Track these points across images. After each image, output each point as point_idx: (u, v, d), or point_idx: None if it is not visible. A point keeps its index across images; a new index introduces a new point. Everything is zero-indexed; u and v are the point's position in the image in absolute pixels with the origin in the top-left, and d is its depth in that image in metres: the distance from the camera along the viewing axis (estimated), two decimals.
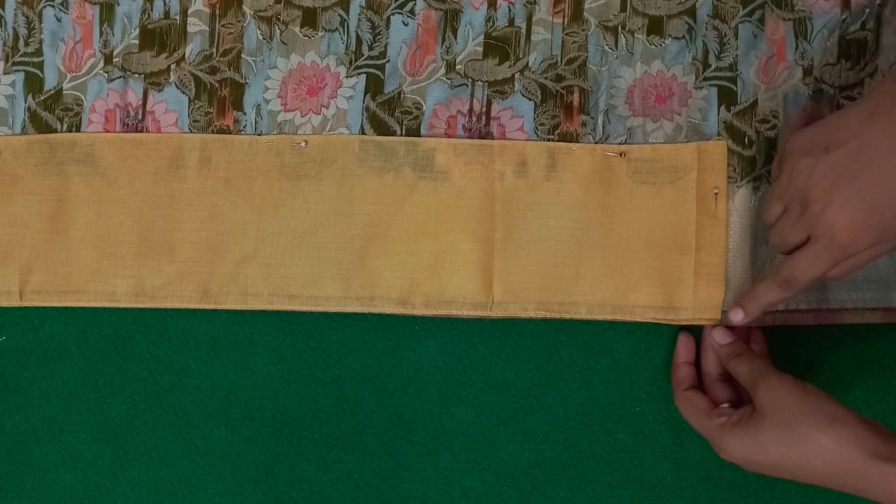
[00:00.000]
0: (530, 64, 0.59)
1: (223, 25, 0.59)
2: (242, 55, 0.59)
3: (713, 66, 0.58)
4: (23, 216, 0.59)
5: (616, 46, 0.59)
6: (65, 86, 0.60)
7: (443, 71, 0.59)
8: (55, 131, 0.59)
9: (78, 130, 0.59)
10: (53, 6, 0.60)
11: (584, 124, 0.58)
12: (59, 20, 0.60)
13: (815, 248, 0.49)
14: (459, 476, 0.60)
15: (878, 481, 0.46)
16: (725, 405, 0.55)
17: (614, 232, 0.57)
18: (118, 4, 0.60)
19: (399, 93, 0.59)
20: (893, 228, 0.47)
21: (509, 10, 0.59)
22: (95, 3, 0.60)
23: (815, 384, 0.48)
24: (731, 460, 0.51)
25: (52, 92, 0.60)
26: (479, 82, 0.59)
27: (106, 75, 0.60)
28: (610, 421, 0.60)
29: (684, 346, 0.58)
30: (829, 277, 0.50)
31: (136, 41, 0.60)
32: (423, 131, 0.59)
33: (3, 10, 0.60)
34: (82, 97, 0.60)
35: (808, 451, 0.48)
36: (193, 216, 0.59)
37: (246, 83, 0.59)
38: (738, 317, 0.55)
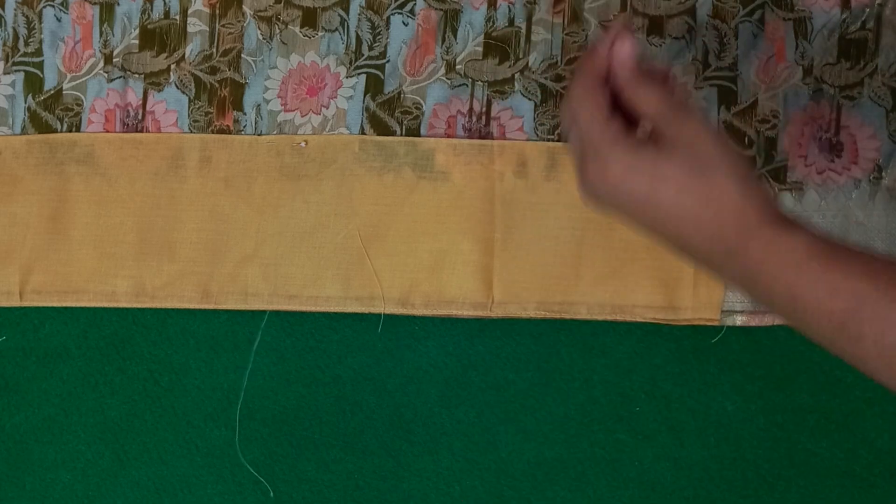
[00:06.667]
0: (530, 64, 0.59)
1: (223, 25, 0.59)
2: (242, 55, 0.59)
3: (713, 66, 0.58)
4: (23, 216, 0.59)
5: None
6: (65, 86, 0.60)
7: (443, 71, 0.59)
8: (55, 131, 0.59)
9: (78, 130, 0.59)
10: (53, 6, 0.60)
11: None
12: (59, 20, 0.60)
13: None
14: (459, 476, 0.60)
15: (757, 248, 0.42)
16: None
17: (614, 232, 0.57)
18: (118, 4, 0.60)
19: (399, 93, 0.59)
20: None
21: (509, 10, 0.59)
22: (95, 3, 0.60)
23: (814, 384, 0.48)
24: (595, 189, 0.44)
25: (52, 92, 0.60)
26: (479, 82, 0.59)
27: (106, 75, 0.60)
28: (610, 421, 0.60)
29: (620, 41, 0.46)
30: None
31: (136, 41, 0.60)
32: (423, 131, 0.59)
33: (3, 10, 0.60)
34: (82, 97, 0.60)
35: (709, 196, 0.42)
36: (193, 216, 0.59)
37: (246, 83, 0.59)
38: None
